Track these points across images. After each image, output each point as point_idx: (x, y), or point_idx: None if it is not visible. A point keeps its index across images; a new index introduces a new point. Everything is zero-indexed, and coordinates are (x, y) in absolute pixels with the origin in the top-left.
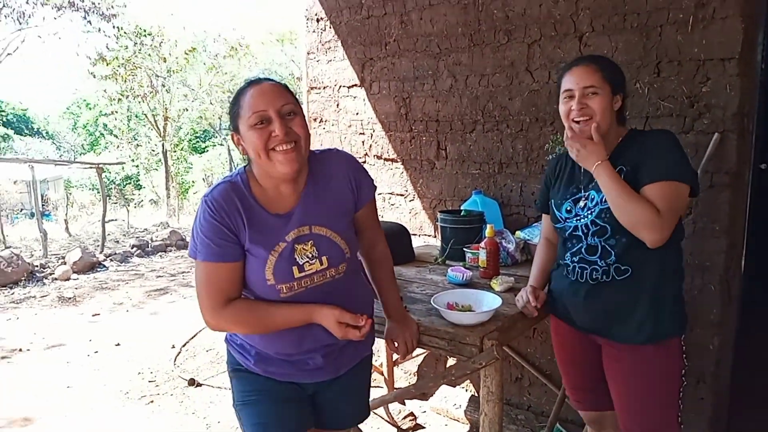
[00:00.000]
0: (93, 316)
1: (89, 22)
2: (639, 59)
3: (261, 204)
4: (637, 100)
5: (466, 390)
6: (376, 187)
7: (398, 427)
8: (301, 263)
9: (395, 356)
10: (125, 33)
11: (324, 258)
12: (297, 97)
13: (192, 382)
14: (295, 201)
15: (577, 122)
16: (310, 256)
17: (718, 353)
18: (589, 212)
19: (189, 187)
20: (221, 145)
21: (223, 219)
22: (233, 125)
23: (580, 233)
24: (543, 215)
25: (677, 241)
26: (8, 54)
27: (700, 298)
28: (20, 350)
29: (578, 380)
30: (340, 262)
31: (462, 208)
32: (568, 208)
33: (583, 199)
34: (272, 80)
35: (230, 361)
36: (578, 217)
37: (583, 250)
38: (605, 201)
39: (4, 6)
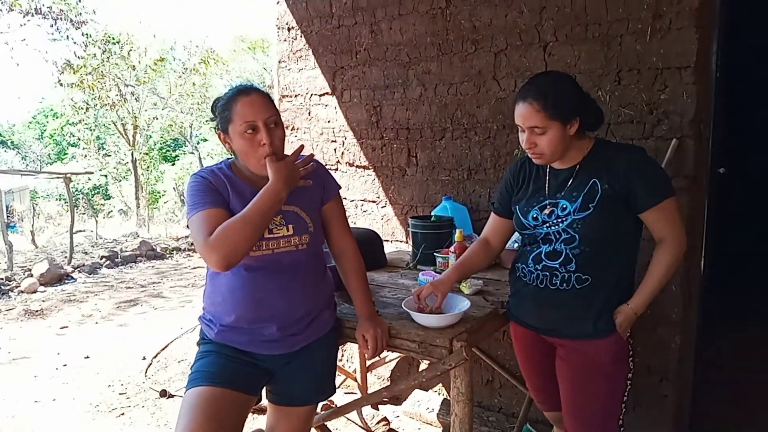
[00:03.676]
0: (61, 328)
1: (57, 29)
2: (601, 68)
3: (242, 180)
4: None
5: (439, 394)
6: (340, 187)
7: None
8: (270, 227)
9: (368, 362)
10: (93, 41)
11: (290, 226)
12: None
13: (164, 394)
14: None
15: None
16: (278, 223)
17: (680, 351)
18: (559, 220)
19: (159, 196)
20: (192, 153)
21: (210, 181)
22: (222, 127)
23: (552, 238)
24: (493, 215)
25: (636, 250)
26: None
27: (662, 298)
28: None
29: (538, 382)
30: (303, 233)
31: (432, 213)
32: (534, 216)
33: (549, 206)
34: (259, 90)
35: (200, 335)
36: (547, 224)
37: (544, 255)
38: (578, 211)
39: None
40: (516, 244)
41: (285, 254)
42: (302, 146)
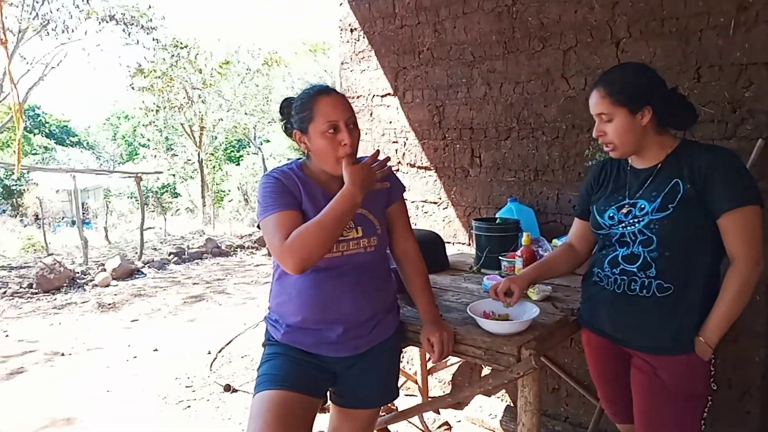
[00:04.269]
0: (131, 321)
1: (129, 34)
2: (678, 65)
3: (314, 182)
4: None
5: (502, 400)
6: (405, 188)
7: None
8: None
9: (429, 365)
10: (163, 46)
11: (359, 228)
12: None
13: (228, 388)
14: (340, 187)
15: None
16: (348, 226)
17: (764, 365)
18: (635, 220)
19: (224, 195)
20: (255, 154)
21: (283, 182)
22: (301, 126)
23: (628, 240)
24: (576, 219)
25: (720, 260)
26: (52, 68)
27: (744, 308)
28: (62, 354)
29: (612, 393)
30: (371, 235)
31: (497, 215)
32: (611, 215)
33: (628, 206)
34: (338, 91)
35: (266, 336)
36: (623, 224)
37: (621, 258)
38: (656, 212)
39: (50, 21)
40: None
41: (353, 256)
42: (378, 151)
